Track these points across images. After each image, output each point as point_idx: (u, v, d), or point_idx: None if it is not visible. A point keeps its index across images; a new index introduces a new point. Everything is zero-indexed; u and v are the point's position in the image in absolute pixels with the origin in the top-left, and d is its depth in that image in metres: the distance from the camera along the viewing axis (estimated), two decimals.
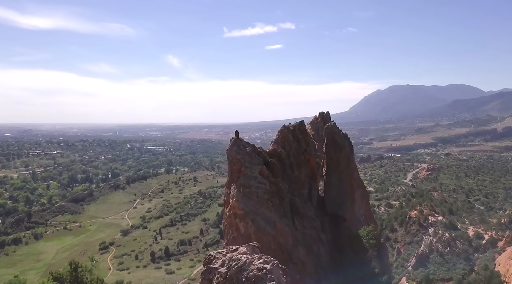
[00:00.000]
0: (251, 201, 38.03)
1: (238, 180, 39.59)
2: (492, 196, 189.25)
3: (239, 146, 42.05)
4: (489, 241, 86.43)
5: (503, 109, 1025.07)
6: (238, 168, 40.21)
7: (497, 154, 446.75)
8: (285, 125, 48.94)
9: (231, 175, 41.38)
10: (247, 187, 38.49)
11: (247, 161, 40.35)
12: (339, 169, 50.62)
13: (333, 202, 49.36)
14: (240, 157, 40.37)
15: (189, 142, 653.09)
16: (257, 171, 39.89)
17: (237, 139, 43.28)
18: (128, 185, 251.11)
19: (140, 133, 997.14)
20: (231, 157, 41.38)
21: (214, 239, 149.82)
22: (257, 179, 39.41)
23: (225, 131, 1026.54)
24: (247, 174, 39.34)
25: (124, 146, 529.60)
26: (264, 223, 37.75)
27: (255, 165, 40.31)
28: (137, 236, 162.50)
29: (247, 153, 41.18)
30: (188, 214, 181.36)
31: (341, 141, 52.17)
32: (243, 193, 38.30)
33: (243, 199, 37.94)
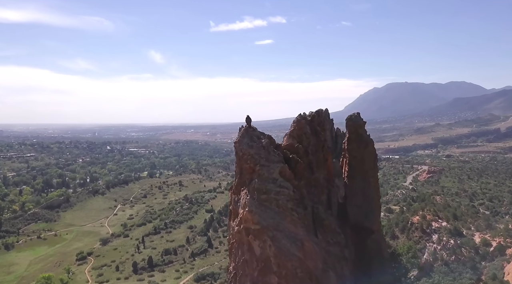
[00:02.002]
0: (270, 212, 31.57)
1: (251, 183, 32.92)
2: (497, 200, 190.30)
3: (251, 138, 35.46)
4: (497, 248, 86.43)
5: (507, 107, 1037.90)
6: (251, 167, 33.58)
7: (500, 155, 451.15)
8: (301, 114, 42.74)
9: (241, 176, 35.06)
10: (264, 192, 32.02)
11: (263, 157, 33.67)
12: (364, 169, 44.10)
13: (357, 210, 42.91)
14: (253, 152, 33.78)
15: (173, 143, 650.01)
16: (277, 171, 33.29)
17: (249, 127, 36.87)
18: (108, 190, 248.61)
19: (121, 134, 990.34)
20: (241, 152, 34.78)
21: (201, 248, 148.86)
22: (277, 182, 32.81)
23: (212, 131, 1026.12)
24: (264, 175, 32.80)
25: (104, 148, 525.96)
26: (288, 242, 31.22)
27: (274, 163, 33.69)
28: (117, 245, 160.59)
29: (262, 146, 34.49)
30: (173, 221, 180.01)
31: (366, 135, 45.73)
32: (259, 201, 31.74)
33: (259, 209, 31.45)
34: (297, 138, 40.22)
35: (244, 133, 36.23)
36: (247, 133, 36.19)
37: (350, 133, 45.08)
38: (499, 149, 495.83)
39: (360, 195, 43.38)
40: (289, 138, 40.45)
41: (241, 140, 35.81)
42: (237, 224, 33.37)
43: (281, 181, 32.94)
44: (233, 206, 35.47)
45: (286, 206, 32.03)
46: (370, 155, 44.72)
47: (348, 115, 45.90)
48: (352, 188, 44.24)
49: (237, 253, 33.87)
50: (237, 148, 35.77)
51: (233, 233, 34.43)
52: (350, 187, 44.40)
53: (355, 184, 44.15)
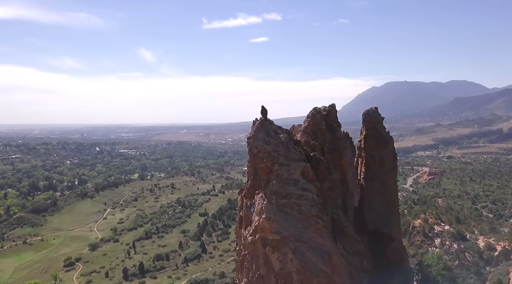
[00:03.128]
0: (291, 220, 27.51)
1: (269, 185, 29.14)
2: (500, 202, 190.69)
3: (268, 132, 31.62)
4: (502, 253, 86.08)
5: (509, 107, 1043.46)
6: (268, 167, 29.80)
7: (503, 156, 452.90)
8: (316, 108, 39.04)
9: (255, 177, 30.99)
10: (284, 196, 28.14)
11: (282, 155, 29.80)
12: (384, 170, 40.61)
13: (375, 216, 39.40)
14: (271, 149, 30.01)
15: (165, 144, 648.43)
16: (298, 171, 29.48)
17: (265, 120, 33.09)
18: (97, 193, 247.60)
19: (111, 135, 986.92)
20: (256, 149, 31.13)
21: (194, 253, 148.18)
22: (299, 184, 28.81)
23: (205, 132, 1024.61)
24: (283, 176, 28.99)
25: (93, 150, 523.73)
26: (313, 255, 27.32)
27: (294, 162, 29.68)
28: (107, 251, 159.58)
29: (281, 142, 30.72)
30: (165, 225, 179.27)
31: (385, 132, 42.02)
32: (278, 207, 27.68)
33: (278, 216, 27.40)
34: (312, 134, 36.70)
35: (259, 127, 32.26)
36: (263, 127, 32.16)
37: (368, 130, 41.80)
38: (501, 150, 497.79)
39: (379, 198, 39.91)
40: (303, 134, 36.83)
41: (256, 135, 31.93)
42: (251, 233, 29.14)
43: (304, 183, 28.97)
44: (245, 212, 31.28)
45: (310, 213, 27.79)
46: (390, 155, 41.42)
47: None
48: (369, 191, 40.59)
49: (251, 267, 29.65)
50: (251, 144, 31.82)
51: (246, 244, 30.24)
52: (368, 190, 40.68)
53: (373, 187, 40.62)
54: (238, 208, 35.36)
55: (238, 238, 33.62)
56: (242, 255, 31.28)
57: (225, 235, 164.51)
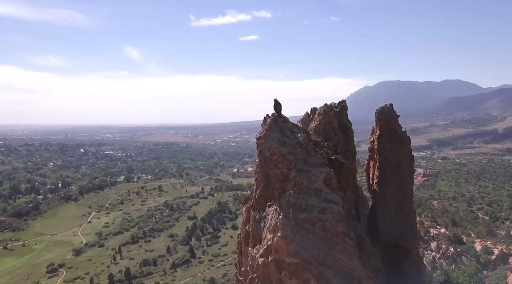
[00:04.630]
0: (314, 239, 23.06)
1: (284, 195, 24.89)
2: (496, 204, 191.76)
3: (282, 131, 27.51)
4: (499, 256, 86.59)
5: (504, 107, 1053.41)
6: (284, 173, 25.62)
7: (498, 157, 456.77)
8: (327, 104, 36.07)
9: (267, 186, 26.84)
10: (304, 209, 23.83)
11: (301, 159, 25.71)
12: (400, 174, 37.11)
13: (391, 225, 35.67)
14: (287, 151, 25.86)
15: (152, 145, 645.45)
16: (320, 178, 25.17)
17: (279, 117, 29.17)
18: (81, 196, 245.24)
19: (96, 136, 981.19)
20: (268, 151, 26.77)
21: (183, 258, 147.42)
22: (322, 195, 24.44)
23: (194, 133, 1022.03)
24: (303, 185, 24.75)
25: (77, 151, 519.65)
26: (342, 282, 22.82)
27: (316, 168, 25.48)
28: (92, 256, 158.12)
29: (299, 143, 26.60)
30: (153, 229, 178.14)
31: (402, 132, 38.54)
32: (297, 222, 23.41)
33: (297, 234, 23.11)
34: (324, 134, 33.42)
35: (273, 125, 28.04)
36: (277, 124, 27.97)
37: (382, 129, 38.24)
38: (496, 150, 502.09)
39: (395, 206, 36.42)
40: (314, 134, 33.69)
41: (269, 135, 27.61)
42: (262, 254, 24.91)
43: (327, 193, 24.48)
44: (253, 227, 26.85)
45: (336, 230, 23.10)
46: (407, 157, 38.22)
47: (378, 106, 39.53)
48: (384, 198, 36.78)
49: None
50: (262, 145, 27.48)
51: (254, 265, 25.96)
52: (382, 196, 37.00)
53: (388, 193, 36.92)
54: (243, 221, 30.32)
55: (242, 256, 30.12)
56: (249, 278, 26.62)
57: (215, 239, 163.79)
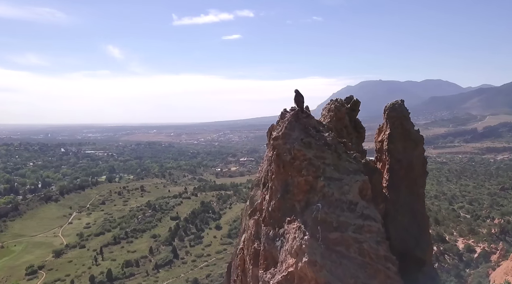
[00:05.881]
0: (349, 265, 18.07)
1: (310, 209, 19.78)
2: (477, 202, 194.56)
3: (306, 130, 22.24)
4: (481, 254, 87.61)
5: (483, 107, 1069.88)
6: (309, 181, 20.46)
7: (478, 156, 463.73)
8: (337, 99, 32.06)
9: (286, 197, 21.58)
10: (336, 228, 18.87)
11: (331, 164, 20.70)
12: (412, 177, 33.73)
13: (404, 234, 31.42)
14: (313, 154, 20.73)
15: (134, 145, 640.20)
16: (355, 188, 20.09)
17: (301, 112, 23.62)
18: (62, 197, 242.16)
19: (77, 135, 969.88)
20: (289, 154, 21.43)
21: (166, 258, 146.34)
22: (358, 209, 19.45)
23: (177, 132, 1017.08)
24: (333, 197, 19.64)
25: (58, 151, 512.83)
26: None
27: (349, 175, 20.53)
28: (73, 257, 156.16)
29: (327, 144, 21.49)
30: (135, 229, 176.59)
31: (415, 131, 35.03)
32: (327, 245, 18.46)
33: (328, 258, 18.10)
34: (335, 133, 28.25)
35: (294, 122, 22.68)
36: (299, 121, 22.75)
37: (393, 128, 34.70)
38: (476, 149, 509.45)
39: (407, 212, 32.99)
40: None
41: (289, 134, 22.34)
42: (280, 281, 19.82)
43: (364, 206, 19.64)
44: (265, 246, 21.88)
45: (377, 253, 18.34)
46: (420, 158, 35.23)
47: (388, 103, 35.83)
48: (395, 203, 33.03)
49: None
50: (280, 147, 22.18)
51: None
52: (393, 201, 33.21)
53: (400, 198, 33.34)
54: (250, 236, 24.98)
55: (245, 276, 24.62)
56: None
57: (198, 239, 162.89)
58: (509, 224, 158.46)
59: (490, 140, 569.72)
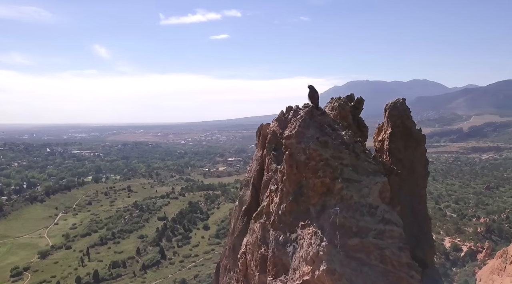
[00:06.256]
0: (371, 273, 16.95)
1: (326, 213, 18.51)
2: (463, 202, 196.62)
3: (322, 128, 20.77)
4: (468, 253, 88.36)
5: (469, 106, 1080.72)
6: (326, 183, 19.17)
7: (464, 155, 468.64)
8: (341, 97, 31.11)
9: (299, 199, 20.33)
10: (356, 233, 17.78)
11: (349, 164, 19.54)
12: (414, 178, 32.29)
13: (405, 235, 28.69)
14: (330, 154, 19.51)
15: (121, 145, 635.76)
16: (375, 191, 18.91)
17: (316, 109, 21.79)
18: (47, 197, 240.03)
19: (63, 135, 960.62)
20: (303, 154, 19.98)
21: (153, 259, 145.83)
22: (379, 213, 18.30)
23: (164, 132, 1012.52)
24: (352, 200, 18.46)
25: (43, 151, 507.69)
26: None
27: (368, 177, 19.37)
28: (59, 259, 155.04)
29: (344, 143, 20.12)
30: (122, 230, 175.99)
31: (416, 130, 33.68)
32: (347, 252, 17.32)
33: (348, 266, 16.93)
34: None
35: (308, 120, 20.97)
36: (313, 119, 21.02)
37: (394, 127, 33.01)
38: (462, 149, 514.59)
39: (409, 213, 30.49)
40: None
41: (303, 132, 20.70)
42: None
43: (385, 210, 18.36)
44: (274, 252, 20.82)
45: (400, 260, 17.09)
46: (422, 158, 33.56)
47: (389, 101, 34.75)
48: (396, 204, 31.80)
49: None
50: (293, 146, 20.62)
51: None
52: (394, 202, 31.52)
53: (400, 199, 30.49)
54: (256, 241, 23.93)
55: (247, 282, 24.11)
56: None
57: (186, 240, 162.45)
58: (494, 223, 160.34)
59: (475, 139, 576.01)
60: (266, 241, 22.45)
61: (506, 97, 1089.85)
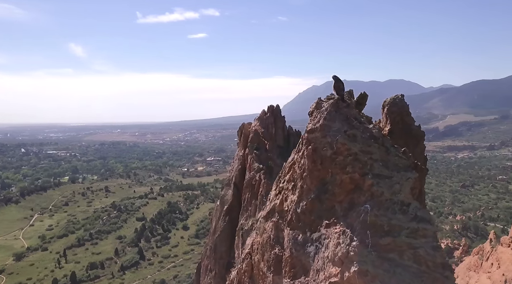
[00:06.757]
0: (404, 274, 15.18)
1: (355, 211, 17.60)
2: (439, 200, 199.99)
3: (349, 121, 19.90)
4: (444, 250, 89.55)
5: (444, 106, 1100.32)
6: (355, 179, 18.31)
7: (440, 154, 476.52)
8: None
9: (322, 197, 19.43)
10: (387, 232, 16.58)
11: (379, 159, 18.63)
12: None
13: None
14: (358, 149, 18.72)
15: (98, 145, 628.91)
16: (407, 187, 17.84)
17: (341, 100, 20.74)
18: (22, 198, 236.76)
19: (38, 135, 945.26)
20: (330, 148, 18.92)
21: (132, 260, 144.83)
22: (411, 211, 17.03)
23: (141, 132, 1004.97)
24: (383, 197, 17.52)
25: (18, 151, 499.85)
26: None
27: (399, 172, 18.40)
28: (35, 260, 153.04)
29: (373, 137, 19.22)
30: (100, 231, 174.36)
31: (416, 127, 34.63)
32: (379, 251, 16.12)
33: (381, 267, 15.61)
34: None
35: (333, 112, 20.02)
36: (339, 111, 20.11)
37: (394, 124, 30.77)
38: (438, 148, 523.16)
39: None
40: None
41: (329, 126, 19.68)
42: None
43: (417, 207, 17.31)
44: (292, 253, 20.05)
45: (434, 260, 15.66)
46: (421, 156, 31.62)
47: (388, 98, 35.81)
48: None
49: None
50: (318, 140, 19.63)
51: None
52: None
53: None
54: (269, 241, 23.03)
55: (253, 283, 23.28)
56: None
57: (165, 240, 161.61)
58: (470, 220, 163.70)
59: (450, 138, 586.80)
60: (280, 241, 21.60)
61: (480, 97, 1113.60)
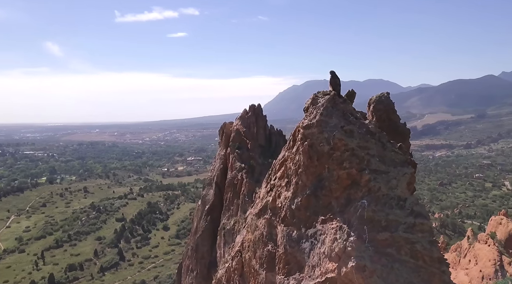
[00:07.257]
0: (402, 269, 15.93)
1: (352, 207, 17.66)
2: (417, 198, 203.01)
3: (345, 116, 20.06)
4: None
5: (422, 105, 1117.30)
6: (352, 175, 18.33)
7: (418, 153, 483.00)
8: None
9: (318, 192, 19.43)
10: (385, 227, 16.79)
11: (376, 155, 18.65)
12: None
13: None
14: (356, 144, 18.76)
15: (76, 145, 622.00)
16: (403, 182, 17.98)
17: (338, 96, 21.23)
18: None
19: (14, 135, 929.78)
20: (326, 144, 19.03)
21: (111, 261, 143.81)
22: (407, 205, 17.21)
23: (120, 131, 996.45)
24: (380, 192, 17.51)
25: None
26: None
27: (396, 168, 18.56)
28: (11, 263, 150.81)
29: (369, 132, 19.43)
30: (79, 232, 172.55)
31: (402, 124, 34.19)
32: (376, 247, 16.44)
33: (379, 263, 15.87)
34: None
35: (330, 108, 20.12)
36: (336, 107, 20.25)
37: (380, 121, 30.27)
38: (416, 147, 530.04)
39: None
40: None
41: (325, 121, 19.78)
42: None
43: (413, 202, 17.35)
44: (286, 249, 20.07)
45: (431, 255, 16.17)
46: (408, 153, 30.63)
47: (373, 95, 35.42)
48: None
49: None
50: (314, 136, 19.67)
51: None
52: None
53: None
54: (256, 237, 23.23)
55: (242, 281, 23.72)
56: None
57: (145, 240, 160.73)
58: (448, 218, 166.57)
59: (428, 137, 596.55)
60: (273, 238, 21.74)
61: (457, 96, 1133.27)
